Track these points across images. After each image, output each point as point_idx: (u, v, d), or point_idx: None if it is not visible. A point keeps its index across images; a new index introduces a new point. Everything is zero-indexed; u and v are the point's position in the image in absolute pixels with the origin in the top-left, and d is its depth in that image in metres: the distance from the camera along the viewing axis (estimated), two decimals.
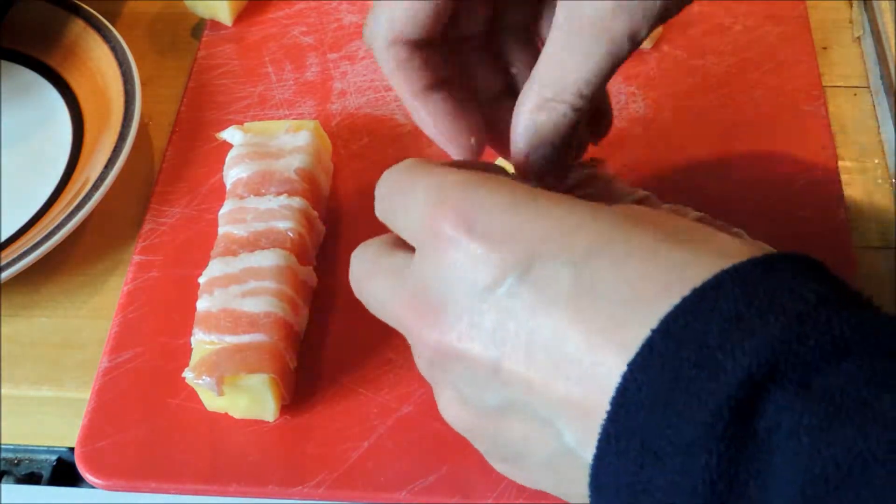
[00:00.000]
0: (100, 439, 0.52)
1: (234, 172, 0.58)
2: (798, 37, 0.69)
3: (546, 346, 0.32)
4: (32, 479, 0.55)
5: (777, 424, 0.28)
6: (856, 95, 0.67)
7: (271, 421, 0.52)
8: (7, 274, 0.55)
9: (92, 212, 0.58)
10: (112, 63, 0.66)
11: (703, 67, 0.68)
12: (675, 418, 0.29)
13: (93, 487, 0.51)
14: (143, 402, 0.53)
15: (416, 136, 0.64)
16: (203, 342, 0.51)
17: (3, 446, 0.56)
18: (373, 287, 0.39)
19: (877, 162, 0.64)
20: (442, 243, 0.34)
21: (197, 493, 0.50)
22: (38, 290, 0.60)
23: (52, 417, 0.56)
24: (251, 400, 0.51)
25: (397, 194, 0.37)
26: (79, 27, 0.68)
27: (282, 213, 0.55)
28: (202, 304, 0.52)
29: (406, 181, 0.37)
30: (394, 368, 0.54)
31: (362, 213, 0.61)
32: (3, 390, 0.56)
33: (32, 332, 0.58)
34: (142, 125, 0.65)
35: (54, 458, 0.56)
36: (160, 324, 0.56)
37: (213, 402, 0.52)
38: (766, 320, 0.29)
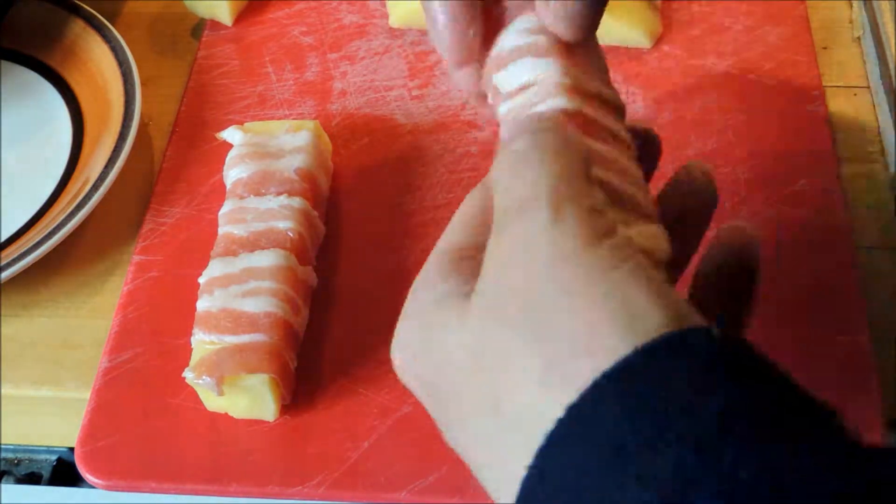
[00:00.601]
0: (100, 439, 0.52)
1: (234, 172, 0.58)
2: (798, 37, 0.69)
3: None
4: (32, 479, 0.55)
5: None
6: (856, 95, 0.67)
7: (271, 421, 0.52)
8: (7, 274, 0.55)
9: (92, 212, 0.58)
10: (112, 63, 0.66)
11: (703, 67, 0.68)
12: None
13: (93, 487, 0.51)
14: (143, 402, 0.53)
15: (416, 135, 0.64)
16: (203, 342, 0.51)
17: (3, 446, 0.56)
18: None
19: (877, 162, 0.64)
20: None
21: (197, 493, 0.50)
22: (38, 290, 0.60)
23: (52, 417, 0.56)
24: (251, 400, 0.51)
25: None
26: (79, 27, 0.68)
27: (282, 213, 0.55)
28: (202, 304, 0.52)
29: None
30: (394, 368, 0.53)
31: (362, 213, 0.61)
32: (3, 390, 0.56)
33: (32, 332, 0.58)
34: (142, 125, 0.65)
35: (54, 458, 0.56)
36: (160, 324, 0.56)
37: (213, 402, 0.52)
38: (653, 462, 0.24)
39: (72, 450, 0.54)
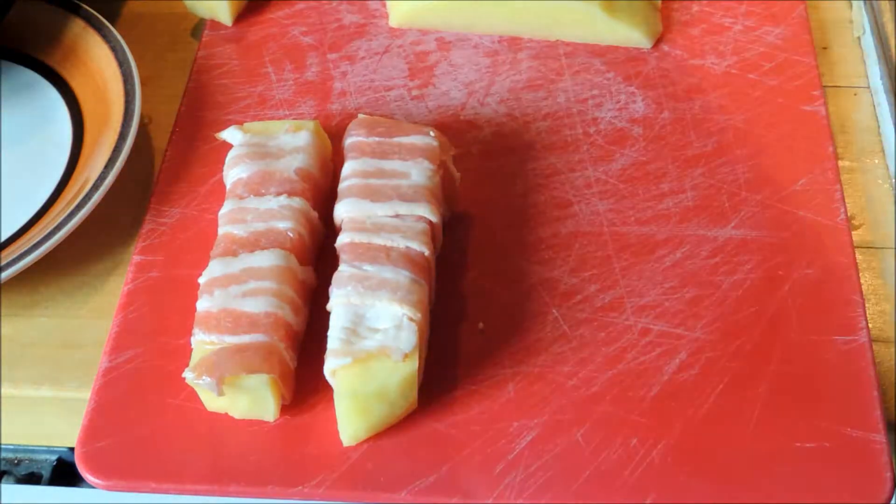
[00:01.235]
0: (100, 439, 0.52)
1: (234, 172, 0.58)
2: (798, 37, 0.69)
3: None
4: (32, 479, 0.55)
5: None
6: (856, 95, 0.67)
7: (271, 421, 0.52)
8: (7, 274, 0.55)
9: (92, 212, 0.58)
10: (112, 63, 0.66)
11: (703, 67, 0.68)
12: None
13: (93, 487, 0.51)
14: (143, 402, 0.53)
15: None
16: (203, 342, 0.51)
17: (3, 446, 0.56)
18: None
19: (877, 162, 0.64)
20: None
21: (197, 493, 0.50)
22: (38, 290, 0.60)
23: (52, 417, 0.56)
24: (251, 400, 0.51)
25: None
26: (79, 27, 0.68)
27: (282, 213, 0.55)
28: (202, 304, 0.52)
29: None
30: None
31: None
32: (3, 390, 0.56)
33: (32, 332, 0.58)
34: (142, 125, 0.65)
35: (54, 458, 0.56)
36: (160, 324, 0.56)
37: (213, 402, 0.52)
38: None
39: (72, 450, 0.54)
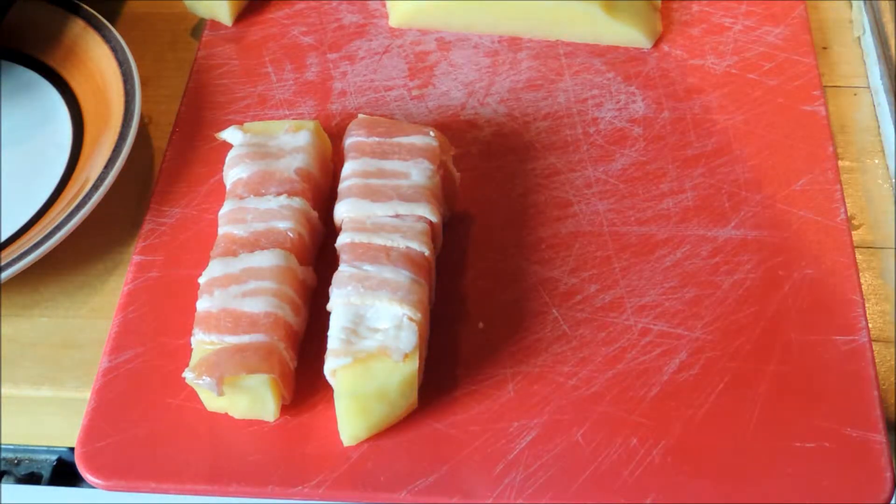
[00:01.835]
0: (100, 439, 0.52)
1: (234, 172, 0.58)
2: (798, 37, 0.69)
3: None
4: (32, 479, 0.55)
5: None
6: (856, 95, 0.67)
7: (271, 421, 0.52)
8: (7, 274, 0.55)
9: (92, 212, 0.58)
10: (112, 63, 0.66)
11: (703, 67, 0.68)
12: None
13: (93, 487, 0.51)
14: (143, 402, 0.53)
15: None
16: (203, 342, 0.51)
17: (3, 446, 0.56)
18: None
19: (877, 162, 0.64)
20: None
21: (197, 493, 0.50)
22: (38, 290, 0.60)
23: (52, 417, 0.56)
24: (251, 400, 0.51)
25: None
26: (79, 27, 0.68)
27: (282, 213, 0.55)
28: (202, 304, 0.52)
29: None
30: None
31: None
32: (3, 390, 0.56)
33: (32, 332, 0.58)
34: (142, 125, 0.65)
35: (54, 458, 0.56)
36: (160, 324, 0.56)
37: (213, 402, 0.52)
38: None
39: (72, 450, 0.54)
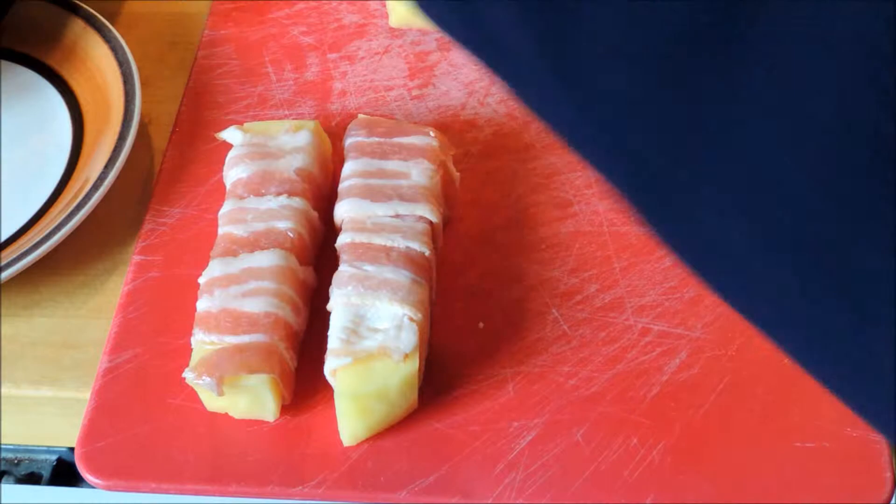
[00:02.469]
0: (100, 439, 0.52)
1: (234, 172, 0.58)
2: None
3: None
4: (32, 479, 0.55)
5: None
6: None
7: (271, 421, 0.52)
8: (7, 274, 0.55)
9: (92, 212, 0.58)
10: (112, 63, 0.66)
11: None
12: None
13: (93, 487, 0.51)
14: (143, 402, 0.53)
15: None
16: (203, 342, 0.51)
17: (3, 446, 0.56)
18: None
19: None
20: None
21: (197, 493, 0.50)
22: (38, 290, 0.60)
23: (52, 417, 0.56)
24: (251, 400, 0.51)
25: None
26: (79, 27, 0.68)
27: (282, 213, 0.55)
28: (202, 305, 0.52)
29: None
30: None
31: None
32: (3, 390, 0.56)
33: (32, 332, 0.58)
34: (142, 125, 0.65)
35: (54, 458, 0.56)
36: (160, 324, 0.56)
37: (213, 402, 0.52)
38: None
39: (72, 450, 0.54)
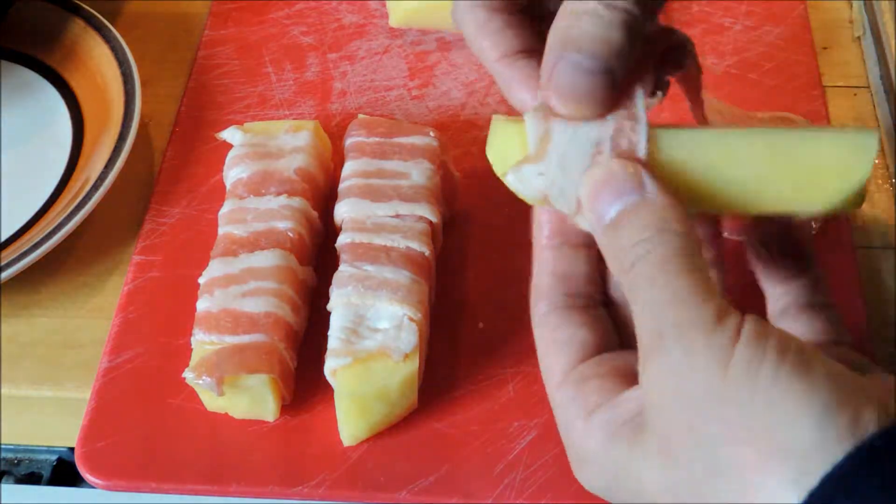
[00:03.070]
0: (100, 439, 0.52)
1: (234, 172, 0.58)
2: (798, 37, 0.69)
3: None
4: (32, 479, 0.55)
5: None
6: (856, 95, 0.67)
7: (271, 421, 0.52)
8: (7, 274, 0.55)
9: (92, 212, 0.58)
10: (112, 63, 0.66)
11: (703, 67, 0.68)
12: None
13: (93, 487, 0.51)
14: (143, 402, 0.53)
15: None
16: (203, 342, 0.51)
17: (3, 446, 0.56)
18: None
19: (877, 162, 0.64)
20: None
21: (197, 493, 0.50)
22: (38, 290, 0.60)
23: (52, 417, 0.55)
24: (251, 400, 0.51)
25: None
26: (79, 27, 0.68)
27: (282, 213, 0.55)
28: (202, 305, 0.52)
29: None
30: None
31: None
32: (3, 390, 0.56)
33: (32, 332, 0.58)
34: (142, 125, 0.65)
35: (54, 458, 0.56)
36: (160, 324, 0.56)
37: (213, 402, 0.52)
38: None
39: (72, 450, 0.54)
